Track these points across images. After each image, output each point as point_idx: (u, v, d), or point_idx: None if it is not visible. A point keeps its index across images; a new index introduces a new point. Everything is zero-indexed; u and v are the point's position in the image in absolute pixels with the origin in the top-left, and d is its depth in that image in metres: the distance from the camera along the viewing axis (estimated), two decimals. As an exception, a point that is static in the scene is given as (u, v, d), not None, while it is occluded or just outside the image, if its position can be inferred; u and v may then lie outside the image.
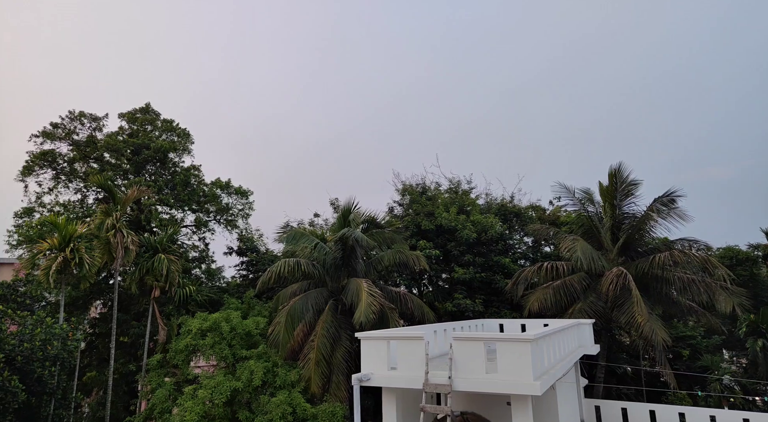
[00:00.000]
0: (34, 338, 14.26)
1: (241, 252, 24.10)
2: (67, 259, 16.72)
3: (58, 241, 17.05)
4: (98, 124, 23.89)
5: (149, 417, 15.83)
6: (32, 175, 22.62)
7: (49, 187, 22.96)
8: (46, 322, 15.40)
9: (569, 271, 18.27)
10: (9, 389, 12.80)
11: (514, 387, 8.37)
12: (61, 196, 23.16)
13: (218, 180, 25.22)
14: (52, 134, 22.82)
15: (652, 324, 15.49)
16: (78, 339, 17.22)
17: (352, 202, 18.16)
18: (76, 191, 23.53)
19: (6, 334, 13.91)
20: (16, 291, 17.92)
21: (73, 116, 23.37)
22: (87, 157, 23.50)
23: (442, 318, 19.43)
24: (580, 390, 15.14)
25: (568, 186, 19.68)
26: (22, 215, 22.17)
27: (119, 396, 20.05)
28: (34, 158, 22.51)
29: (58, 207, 22.59)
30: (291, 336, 15.28)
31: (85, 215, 22.36)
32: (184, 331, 16.61)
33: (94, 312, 23.75)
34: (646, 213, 17.78)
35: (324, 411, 13.66)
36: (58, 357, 15.07)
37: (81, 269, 17.23)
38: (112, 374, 18.08)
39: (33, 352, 13.98)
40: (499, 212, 23.47)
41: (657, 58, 69.06)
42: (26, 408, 14.29)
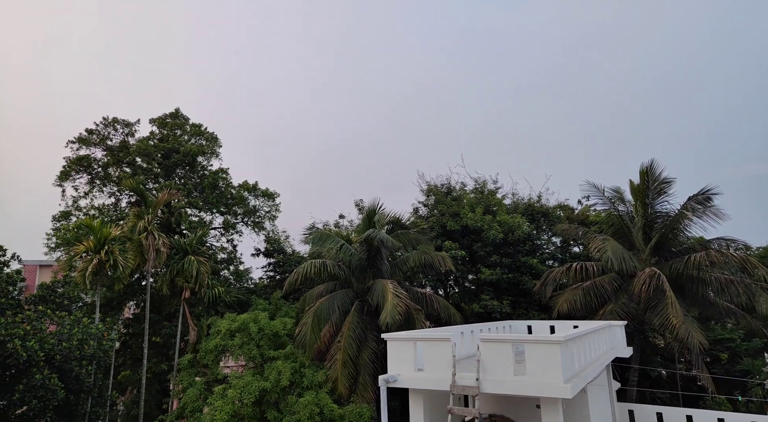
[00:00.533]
0: (72, 337, 14.73)
1: (268, 254, 24.42)
2: (102, 261, 17.28)
3: (93, 243, 17.63)
4: (130, 129, 24.66)
5: (181, 415, 16.17)
6: (69, 180, 23.53)
7: (85, 191, 23.83)
8: (82, 322, 15.90)
9: (599, 272, 17.82)
10: (49, 387, 13.29)
11: (543, 389, 8.21)
12: (96, 200, 24.02)
13: (245, 183, 25.66)
14: (87, 140, 23.69)
15: (688, 326, 14.97)
16: (113, 338, 17.77)
17: (376, 203, 18.19)
18: (110, 194, 24.36)
19: (46, 334, 14.45)
20: (55, 292, 18.59)
21: (106, 122, 24.20)
22: (120, 161, 24.28)
23: (469, 319, 19.24)
24: (612, 394, 14.74)
25: (598, 185, 19.22)
26: (60, 219, 23.07)
27: (152, 394, 20.53)
28: (70, 163, 23.40)
29: (93, 211, 23.38)
30: (318, 337, 15.38)
31: (118, 218, 23.10)
32: (214, 331, 16.93)
33: (128, 313, 24.41)
34: (680, 212, 17.19)
35: (351, 412, 13.69)
36: (95, 356, 15.53)
37: (115, 270, 17.79)
38: (145, 373, 18.58)
39: (71, 351, 14.45)
40: (526, 212, 23.11)
41: (687, 50, 66.93)
42: (65, 405, 14.77)
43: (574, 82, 71.02)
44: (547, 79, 70.17)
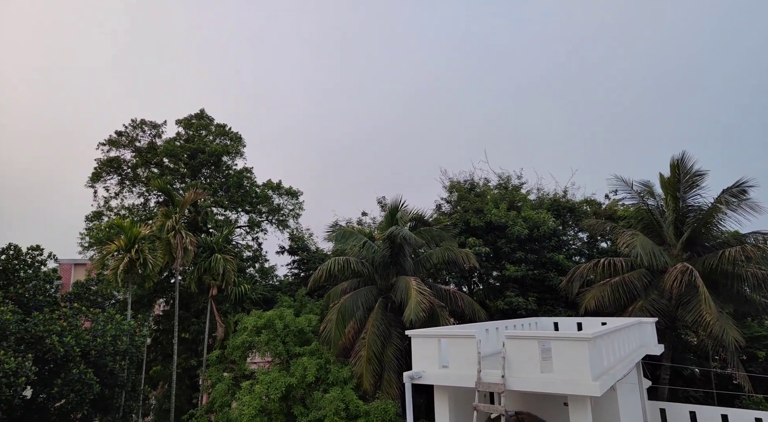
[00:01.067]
0: (106, 333, 15.15)
1: (292, 251, 24.70)
2: (133, 259, 17.79)
3: (124, 243, 18.16)
4: (158, 131, 25.28)
5: (210, 410, 16.54)
6: (100, 181, 24.30)
7: (116, 192, 24.57)
8: (115, 319, 16.31)
9: (628, 267, 17.38)
10: (85, 381, 13.74)
11: (571, 387, 8.07)
12: (126, 200, 24.74)
13: (269, 181, 26.00)
14: (116, 142, 24.40)
15: (723, 323, 14.48)
16: (144, 334, 18.25)
17: (399, 200, 18.17)
18: (139, 194, 25.04)
19: (81, 330, 14.97)
20: (89, 290, 19.20)
21: (135, 124, 24.87)
22: (148, 162, 24.93)
23: (494, 316, 19.06)
24: (643, 392, 14.41)
25: (626, 179, 18.71)
26: (93, 219, 23.85)
27: (182, 389, 21.03)
28: (101, 164, 24.16)
29: (123, 211, 24.08)
30: (342, 334, 15.48)
31: (147, 217, 23.72)
32: (241, 328, 17.24)
33: (158, 310, 24.98)
34: (714, 205, 16.60)
35: (376, 408, 13.75)
36: (127, 352, 15.96)
37: (145, 268, 18.28)
38: (175, 368, 19.07)
39: (105, 347, 14.86)
40: (552, 208, 22.72)
41: (715, 43, 64.61)
42: (100, 399, 15.28)
43: (594, 76, 69.44)
44: (567, 72, 68.82)
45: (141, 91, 65.03)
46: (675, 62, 63.48)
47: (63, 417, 14.85)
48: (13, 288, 16.07)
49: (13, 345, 12.95)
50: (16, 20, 57.35)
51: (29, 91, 60.02)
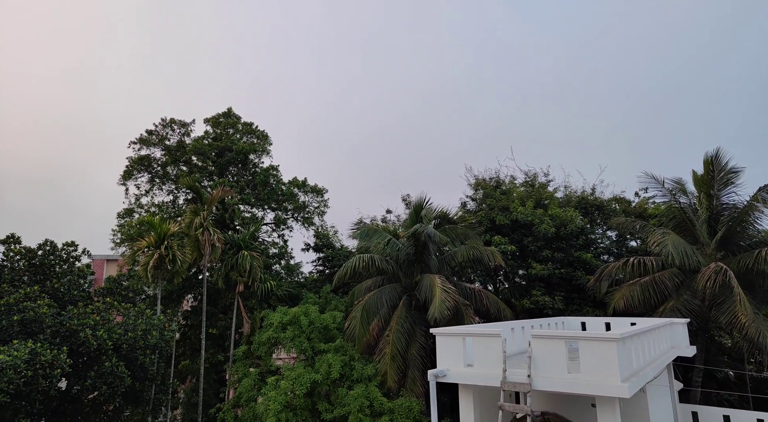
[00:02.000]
0: (137, 328, 15.53)
1: (317, 248, 24.87)
2: (162, 255, 18.23)
3: (154, 239, 18.63)
4: (186, 129, 25.86)
5: (237, 404, 16.86)
6: (131, 179, 25.03)
7: (146, 189, 25.26)
8: (146, 314, 16.77)
9: (659, 267, 16.91)
10: (117, 374, 14.13)
11: (599, 388, 7.94)
12: (156, 197, 25.40)
13: (295, 179, 26.26)
14: (147, 141, 25.08)
15: (759, 325, 13.96)
16: (173, 329, 18.70)
17: (423, 198, 18.13)
18: (168, 192, 25.69)
19: (113, 324, 15.43)
20: (121, 285, 19.73)
21: (164, 122, 25.51)
22: (177, 160, 25.53)
23: (519, 315, 18.84)
24: (674, 394, 14.02)
25: (657, 176, 18.19)
26: (124, 216, 24.59)
27: (210, 383, 21.42)
28: (132, 163, 24.88)
29: (153, 208, 24.72)
30: (366, 331, 15.56)
31: (176, 214, 24.28)
32: (267, 324, 17.50)
33: (186, 305, 25.51)
34: (750, 203, 16.01)
35: (401, 405, 13.78)
36: (157, 346, 16.29)
37: (174, 265, 18.73)
38: (203, 363, 19.47)
39: (136, 341, 15.22)
40: (579, 206, 22.27)
41: (747, 41, 61.94)
42: (131, 391, 15.71)
43: (624, 73, 67.56)
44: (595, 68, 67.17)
45: (170, 91, 66.65)
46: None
47: (96, 408, 15.33)
48: (50, 283, 16.68)
49: (49, 338, 13.41)
50: (41, 20, 59.46)
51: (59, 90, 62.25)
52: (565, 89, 69.00)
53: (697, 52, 61.65)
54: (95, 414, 15.43)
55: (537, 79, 70.14)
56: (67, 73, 62.09)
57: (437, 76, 75.00)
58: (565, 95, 66.98)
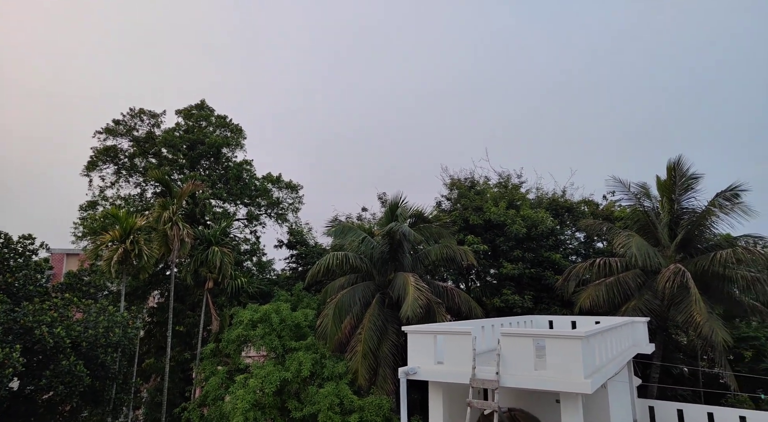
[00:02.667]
0: (98, 325, 14.99)
1: (290, 245, 24.61)
2: (128, 250, 17.61)
3: (119, 233, 17.98)
4: (156, 120, 25.06)
5: (203, 403, 16.50)
6: (96, 170, 24.05)
7: (111, 181, 24.31)
8: (108, 310, 16.14)
9: (623, 268, 17.57)
10: (75, 373, 13.57)
11: (563, 384, 8.17)
12: (122, 190, 24.49)
13: (269, 175, 25.85)
14: (114, 131, 24.19)
15: (712, 324, 14.70)
16: (137, 327, 18.11)
17: (399, 196, 18.20)
18: (135, 185, 24.84)
19: (72, 321, 14.81)
20: (81, 281, 18.99)
21: (133, 113, 24.66)
22: (146, 152, 24.72)
23: (490, 313, 19.19)
24: (633, 390, 14.59)
25: (623, 180, 18.89)
26: (87, 208, 23.61)
27: (175, 382, 20.83)
28: (98, 153, 23.94)
29: (119, 201, 23.85)
30: (338, 329, 15.52)
31: (144, 208, 23.52)
32: (236, 322, 17.21)
33: (152, 302, 24.76)
34: (707, 208, 16.81)
35: (371, 403, 13.81)
36: (120, 344, 15.81)
37: (140, 260, 18.12)
38: (168, 361, 18.92)
39: (97, 339, 14.69)
40: (550, 207, 22.86)
41: (710, 50, 65.01)
42: (91, 391, 15.16)
43: (599, 81, 69.67)
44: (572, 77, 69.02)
45: (140, 82, 64.52)
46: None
47: (51, 409, 14.73)
48: (2, 278, 15.83)
49: (1, 336, 12.77)
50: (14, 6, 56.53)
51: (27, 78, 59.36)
52: (542, 92, 70.56)
53: (674, 57, 64.02)
54: (50, 415, 14.85)
55: (517, 81, 71.46)
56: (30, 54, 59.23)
57: (419, 78, 75.40)
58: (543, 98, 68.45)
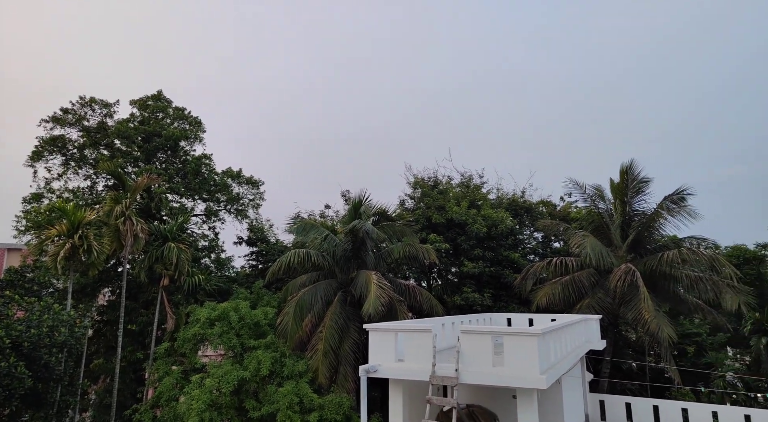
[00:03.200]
0: (42, 324, 14.30)
1: (251, 242, 24.18)
2: (76, 246, 16.81)
3: (66, 227, 17.14)
4: (109, 110, 23.92)
5: (156, 404, 15.98)
6: (41, 160, 22.71)
7: (59, 173, 23.05)
8: (53, 309, 15.44)
9: (578, 267, 18.21)
10: (15, 375, 12.86)
11: (520, 380, 8.35)
12: (70, 182, 23.28)
13: (229, 169, 25.27)
14: (62, 120, 22.88)
15: (659, 321, 15.47)
16: (86, 325, 17.37)
17: (363, 194, 18.14)
18: (85, 177, 23.65)
19: (13, 320, 14.00)
20: (24, 277, 18.02)
21: (83, 101, 23.40)
22: (97, 143, 23.58)
23: (451, 311, 19.45)
24: (585, 385, 15.15)
25: (579, 182, 19.57)
26: (31, 201, 22.29)
27: (126, 383, 20.16)
28: (43, 143, 22.59)
29: (67, 193, 22.69)
30: (299, 327, 15.34)
31: (94, 202, 22.48)
32: (193, 320, 16.72)
33: (102, 300, 23.90)
34: (656, 211, 17.68)
35: (331, 401, 13.73)
36: (66, 344, 15.15)
37: (89, 256, 17.33)
38: (119, 361, 18.20)
39: (40, 338, 14.01)
40: (510, 207, 23.42)
41: (664, 56, 68.60)
42: (32, 394, 14.40)
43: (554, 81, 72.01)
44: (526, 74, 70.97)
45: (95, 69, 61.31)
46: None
47: (-12, 412, 13.91)
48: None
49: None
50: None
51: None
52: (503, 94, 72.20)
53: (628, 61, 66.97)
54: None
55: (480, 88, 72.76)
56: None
57: (388, 79, 75.50)
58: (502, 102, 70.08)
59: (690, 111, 68.25)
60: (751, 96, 68.89)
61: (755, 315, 20.43)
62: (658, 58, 68.74)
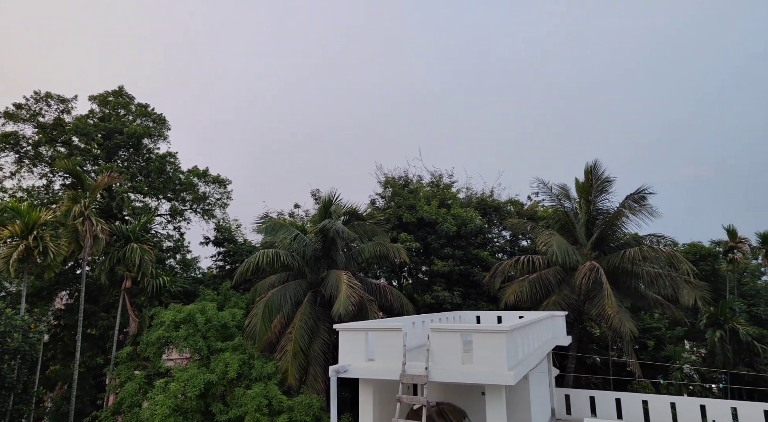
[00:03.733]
0: (-8, 330, 13.65)
1: (218, 243, 23.67)
2: (30, 247, 16.11)
3: (20, 228, 16.43)
4: (66, 106, 22.88)
5: (117, 411, 15.42)
6: (-7, 158, 21.56)
7: (11, 171, 21.94)
8: (5, 313, 14.84)
9: (545, 265, 18.61)
10: (-38, 383, 12.24)
11: (488, 377, 8.44)
12: (24, 181, 22.21)
13: (195, 168, 24.62)
14: (15, 116, 21.73)
15: (621, 316, 15.98)
16: (41, 331, 16.65)
17: (333, 193, 17.99)
18: (41, 176, 22.55)
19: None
20: (-27, 281, 17.12)
21: (38, 96, 22.29)
22: (54, 140, 22.54)
23: (421, 310, 19.55)
24: (551, 380, 15.49)
25: (546, 182, 20.04)
26: (-19, 201, 21.12)
27: (85, 390, 19.48)
28: (-6, 139, 21.42)
29: (21, 192, 21.63)
30: (268, 328, 15.10)
31: (50, 201, 21.52)
32: (157, 323, 16.21)
33: (60, 303, 22.98)
34: (619, 209, 18.27)
35: (300, 403, 13.57)
36: (19, 350, 14.56)
37: (45, 258, 16.63)
38: (77, 367, 17.51)
39: (-9, 345, 13.38)
40: (479, 206, 23.74)
41: (628, 56, 71.18)
42: (-18, 403, 13.71)
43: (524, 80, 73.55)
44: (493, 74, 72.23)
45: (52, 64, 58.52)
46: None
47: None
48: None
49: None
50: None
51: None
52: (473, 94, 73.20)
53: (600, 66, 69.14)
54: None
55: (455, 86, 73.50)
56: None
57: (360, 78, 75.31)
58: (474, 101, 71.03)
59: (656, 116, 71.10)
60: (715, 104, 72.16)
61: (710, 309, 21.43)
62: (632, 62, 71.26)
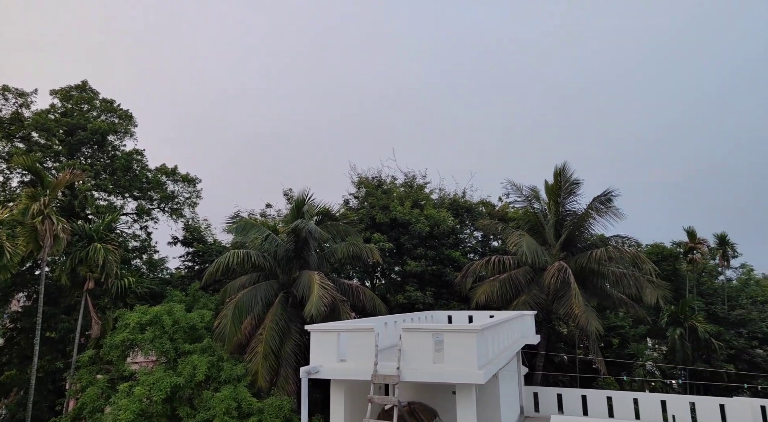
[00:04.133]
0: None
1: (186, 242, 23.10)
2: (-16, 247, 15.28)
3: (-26, 227, 15.56)
4: (25, 100, 21.91)
5: (78, 417, 14.84)
6: (-56, 153, 20.43)
7: (-34, 167, 20.85)
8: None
9: (515, 265, 18.96)
10: None
11: (459, 376, 8.55)
12: (-22, 178, 21.11)
13: (163, 166, 23.93)
14: (-31, 109, 20.69)
15: (588, 315, 16.44)
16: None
17: (306, 193, 17.82)
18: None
19: None
20: None
21: (-7, 90, 21.29)
22: (11, 136, 21.53)
23: (394, 310, 19.59)
24: (520, 378, 15.79)
25: (517, 183, 20.43)
26: (-68, 198, 19.99)
27: (43, 395, 18.74)
28: (-53, 134, 20.31)
29: (-25, 190, 20.57)
30: (238, 330, 14.84)
31: (7, 199, 20.53)
32: (121, 325, 15.69)
33: (17, 305, 21.98)
34: (586, 211, 18.79)
35: (271, 405, 13.38)
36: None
37: (1, 258, 15.81)
38: (35, 372, 16.74)
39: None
40: (451, 207, 23.98)
41: (606, 61, 73.43)
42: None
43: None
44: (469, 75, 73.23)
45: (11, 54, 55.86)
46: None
47: None
48: None
49: None
50: None
51: None
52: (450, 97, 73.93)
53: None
54: None
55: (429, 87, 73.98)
56: None
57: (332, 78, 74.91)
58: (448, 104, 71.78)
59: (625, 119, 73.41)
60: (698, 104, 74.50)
61: (671, 308, 22.31)
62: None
